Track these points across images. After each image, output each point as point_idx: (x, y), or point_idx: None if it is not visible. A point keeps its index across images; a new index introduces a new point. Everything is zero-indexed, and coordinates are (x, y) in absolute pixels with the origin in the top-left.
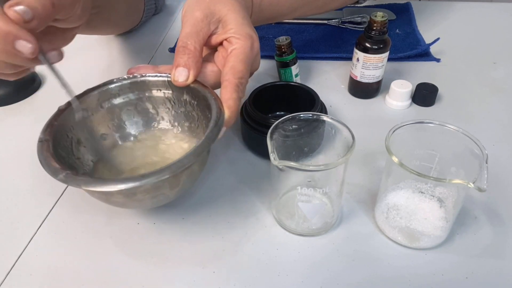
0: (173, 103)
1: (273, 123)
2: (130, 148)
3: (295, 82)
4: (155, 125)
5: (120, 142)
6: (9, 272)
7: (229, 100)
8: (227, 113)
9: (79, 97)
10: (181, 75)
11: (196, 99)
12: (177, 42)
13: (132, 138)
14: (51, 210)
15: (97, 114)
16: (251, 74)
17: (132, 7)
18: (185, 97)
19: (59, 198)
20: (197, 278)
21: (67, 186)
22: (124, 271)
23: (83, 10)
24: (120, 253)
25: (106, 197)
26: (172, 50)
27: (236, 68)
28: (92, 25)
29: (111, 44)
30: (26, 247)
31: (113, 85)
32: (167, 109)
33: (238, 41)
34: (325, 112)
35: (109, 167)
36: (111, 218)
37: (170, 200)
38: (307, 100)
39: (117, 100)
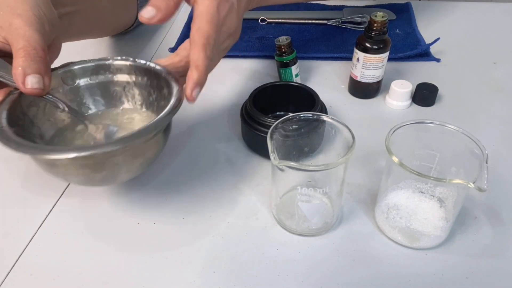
0: (142, 90)
1: (273, 123)
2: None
3: (295, 82)
4: (119, 108)
5: (79, 122)
6: (9, 272)
7: (197, 60)
8: (195, 73)
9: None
10: (149, 13)
11: (166, 87)
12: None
13: (92, 119)
14: (51, 210)
15: (59, 93)
16: (231, 36)
17: (119, 5)
18: (155, 83)
19: (59, 198)
20: (197, 278)
21: (67, 186)
22: (124, 271)
23: (51, 25)
24: (120, 253)
25: (48, 167)
26: (172, 50)
27: (202, 29)
28: (75, 28)
29: (111, 44)
30: (26, 247)
31: (77, 66)
32: (136, 94)
33: (203, 2)
34: (325, 112)
35: (66, 144)
36: (111, 219)
37: (121, 181)
38: (307, 100)
39: (82, 81)
